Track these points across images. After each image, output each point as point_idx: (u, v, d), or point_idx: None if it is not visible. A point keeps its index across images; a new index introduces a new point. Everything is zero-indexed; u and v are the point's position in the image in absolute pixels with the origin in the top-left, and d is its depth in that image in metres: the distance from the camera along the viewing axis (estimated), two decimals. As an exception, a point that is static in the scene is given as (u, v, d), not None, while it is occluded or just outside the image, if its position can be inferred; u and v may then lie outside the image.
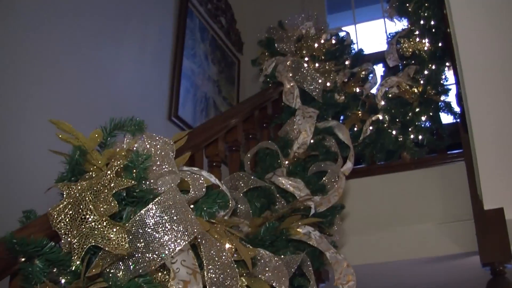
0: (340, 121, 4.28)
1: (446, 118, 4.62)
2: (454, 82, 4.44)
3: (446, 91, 4.55)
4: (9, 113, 3.38)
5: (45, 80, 3.69)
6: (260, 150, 3.37)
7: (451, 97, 4.54)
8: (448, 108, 4.48)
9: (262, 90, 3.98)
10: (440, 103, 4.50)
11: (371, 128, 4.41)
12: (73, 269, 1.69)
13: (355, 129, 4.51)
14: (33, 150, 3.40)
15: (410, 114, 4.44)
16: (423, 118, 4.46)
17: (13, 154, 3.35)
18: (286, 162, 3.35)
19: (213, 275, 1.88)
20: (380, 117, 4.46)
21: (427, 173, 4.33)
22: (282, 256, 2.56)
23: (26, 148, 3.42)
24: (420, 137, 4.41)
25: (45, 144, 2.11)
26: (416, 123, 4.42)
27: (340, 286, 2.98)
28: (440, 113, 4.55)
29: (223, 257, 1.93)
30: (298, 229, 2.82)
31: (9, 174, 3.29)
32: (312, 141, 3.55)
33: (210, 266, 1.88)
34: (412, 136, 4.40)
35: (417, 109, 4.45)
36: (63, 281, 1.71)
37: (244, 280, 2.20)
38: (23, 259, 1.71)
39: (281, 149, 3.34)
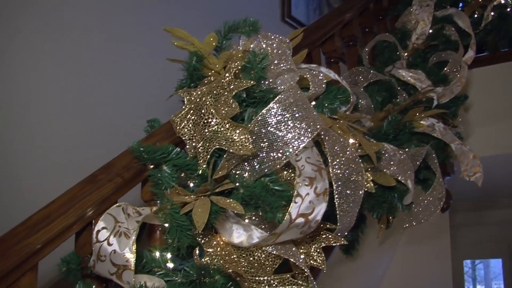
0: (459, 8, 4.07)
1: None
2: None
3: None
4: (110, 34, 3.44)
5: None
6: (378, 44, 3.26)
7: None
8: None
9: (375, -18, 3.83)
10: None
11: (492, 13, 4.15)
12: (200, 172, 1.73)
13: (476, 15, 4.26)
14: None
15: (535, -4, 4.15)
16: (550, -1, 4.15)
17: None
18: (405, 54, 3.24)
19: (338, 171, 1.87)
20: (502, 1, 4.18)
21: (556, 58, 4.07)
22: (407, 149, 2.52)
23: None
24: (547, 20, 4.11)
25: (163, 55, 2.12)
26: (542, 5, 4.13)
27: (467, 178, 2.91)
28: None
29: (348, 153, 1.91)
30: (421, 122, 2.75)
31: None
32: (431, 30, 3.41)
33: (335, 162, 1.87)
34: (537, 20, 4.12)
35: (544, -10, 4.15)
36: (191, 184, 1.75)
37: (369, 175, 2.19)
38: (151, 166, 1.76)
39: (399, 41, 3.23)
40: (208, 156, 1.69)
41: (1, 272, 1.45)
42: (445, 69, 3.28)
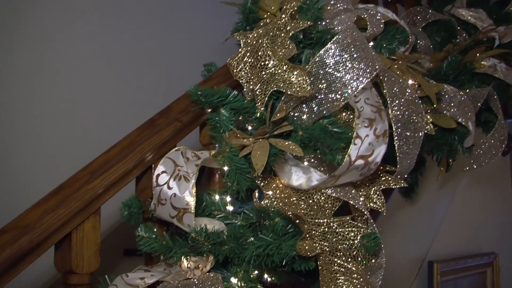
0: None
1: None
2: None
3: None
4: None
5: None
6: (436, -18, 3.17)
7: None
8: None
9: None
10: None
11: None
12: (258, 115, 1.72)
13: (540, -51, 4.07)
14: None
15: None
16: None
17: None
18: (466, -8, 3.14)
19: (398, 112, 1.84)
20: None
21: None
22: (467, 90, 2.46)
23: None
24: None
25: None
26: None
27: (530, 117, 2.84)
28: None
29: (407, 94, 1.87)
30: (482, 62, 2.67)
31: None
32: (492, -34, 3.29)
33: (394, 103, 1.83)
34: None
35: None
36: (249, 127, 1.74)
37: (429, 116, 2.14)
38: (209, 110, 1.76)
39: (459, -21, 3.13)
40: (266, 99, 1.68)
41: (66, 216, 1.49)
42: (508, 7, 3.17)
